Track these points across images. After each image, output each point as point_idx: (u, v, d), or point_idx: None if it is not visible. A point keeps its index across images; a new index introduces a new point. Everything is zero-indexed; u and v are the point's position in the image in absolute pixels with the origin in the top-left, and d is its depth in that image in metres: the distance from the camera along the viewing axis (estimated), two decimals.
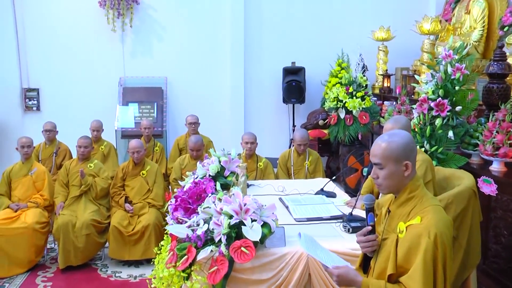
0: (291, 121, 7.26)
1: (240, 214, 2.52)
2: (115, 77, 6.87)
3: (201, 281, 2.42)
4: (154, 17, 6.95)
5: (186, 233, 2.58)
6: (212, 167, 3.47)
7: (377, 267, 2.03)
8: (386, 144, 1.94)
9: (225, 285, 2.45)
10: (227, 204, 2.57)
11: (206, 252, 2.46)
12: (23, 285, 4.20)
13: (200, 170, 3.53)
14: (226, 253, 2.42)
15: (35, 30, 6.84)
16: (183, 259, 2.48)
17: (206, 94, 7.15)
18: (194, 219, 2.71)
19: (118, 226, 4.38)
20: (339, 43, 6.98)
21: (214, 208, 2.59)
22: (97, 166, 4.73)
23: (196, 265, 2.47)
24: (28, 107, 6.98)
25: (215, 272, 2.41)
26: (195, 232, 2.56)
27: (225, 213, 2.52)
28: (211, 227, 2.53)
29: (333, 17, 7.34)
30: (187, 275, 2.46)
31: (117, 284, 4.20)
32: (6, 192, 4.63)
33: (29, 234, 4.35)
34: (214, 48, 7.12)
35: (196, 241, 2.51)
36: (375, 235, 2.05)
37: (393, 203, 2.03)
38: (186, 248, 2.51)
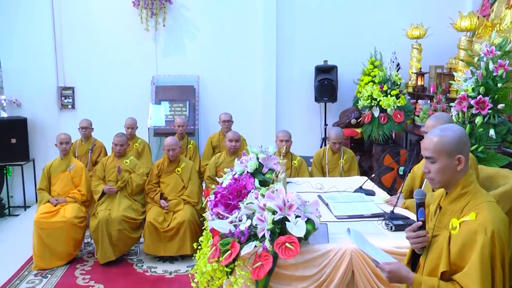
0: (322, 120, 7.20)
1: (283, 210, 2.51)
2: (148, 75, 6.94)
3: (245, 276, 2.41)
4: (187, 16, 7.00)
5: (229, 229, 2.58)
6: (251, 163, 3.46)
7: (427, 264, 1.99)
8: (439, 138, 1.90)
9: (269, 281, 2.43)
10: (270, 200, 2.55)
11: (250, 247, 2.45)
12: (64, 276, 4.31)
13: (238, 167, 3.53)
14: (270, 249, 2.41)
15: (71, 30, 6.98)
16: (226, 254, 2.48)
17: (238, 93, 7.15)
18: (236, 214, 2.71)
19: (154, 222, 4.42)
20: (372, 41, 6.89)
21: (257, 203, 2.58)
22: (132, 162, 4.80)
23: (239, 260, 2.46)
24: (63, 105, 7.13)
25: (259, 268, 2.40)
26: (238, 227, 2.56)
27: (269, 208, 2.51)
28: (254, 223, 2.53)
29: (366, 15, 7.25)
30: (230, 270, 2.46)
31: (153, 279, 4.24)
32: (46, 187, 4.74)
33: (68, 228, 4.45)
34: (246, 47, 7.13)
35: (239, 236, 2.51)
36: (425, 231, 2.01)
37: (445, 199, 1.99)
38: (229, 243, 2.51)
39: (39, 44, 6.87)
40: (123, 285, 4.12)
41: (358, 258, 2.54)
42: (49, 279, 4.26)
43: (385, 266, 1.96)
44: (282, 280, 2.52)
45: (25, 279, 4.29)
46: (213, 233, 2.82)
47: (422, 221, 2.02)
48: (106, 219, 4.40)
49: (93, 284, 4.15)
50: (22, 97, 6.95)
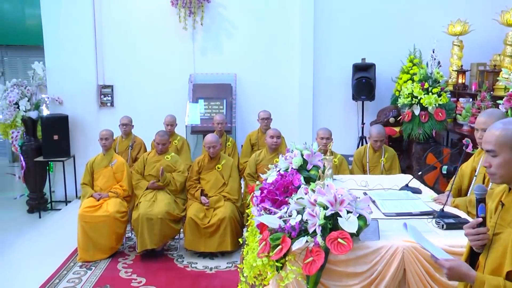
0: (360, 118, 7.12)
1: (335, 206, 2.48)
2: (186, 74, 7.02)
3: (296, 271, 2.40)
4: (224, 15, 7.04)
5: (279, 224, 2.57)
6: (296, 160, 3.45)
7: (489, 263, 1.92)
8: (501, 131, 1.84)
9: (320, 277, 2.41)
10: (321, 195, 2.53)
11: (301, 242, 2.43)
12: (107, 269, 4.40)
13: (283, 163, 3.52)
14: (322, 244, 2.38)
15: (111, 30, 7.12)
16: (277, 249, 2.46)
17: (275, 91, 7.15)
18: (285, 209, 2.70)
19: (195, 218, 4.46)
20: (411, 39, 6.79)
21: (307, 199, 2.56)
22: (173, 158, 4.85)
23: (290, 255, 2.45)
24: (103, 103, 7.29)
25: (310, 263, 2.38)
26: (288, 222, 2.54)
27: (320, 204, 2.49)
28: (304, 218, 2.51)
29: (405, 12, 7.12)
30: (281, 265, 2.45)
31: (194, 275, 4.28)
32: (89, 182, 4.85)
33: (110, 222, 4.54)
34: (284, 45, 7.11)
35: (290, 231, 2.49)
36: (486, 228, 1.94)
37: (508, 195, 1.92)
38: (279, 238, 2.50)
39: (81, 44, 7.04)
40: (164, 280, 4.17)
41: (410, 256, 2.49)
42: (93, 271, 4.36)
43: (445, 262, 1.91)
44: (333, 276, 2.49)
45: (71, 270, 4.40)
46: (260, 228, 2.81)
47: (483, 217, 1.96)
48: (148, 212, 4.45)
49: (135, 277, 4.22)
50: (64, 95, 7.13)
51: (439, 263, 1.93)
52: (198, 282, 4.12)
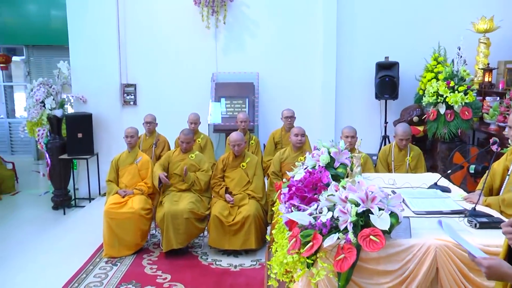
0: (383, 117, 7.05)
1: (366, 202, 2.45)
2: (208, 72, 7.04)
3: (327, 268, 2.38)
4: (247, 13, 7.04)
5: (309, 220, 2.55)
6: (323, 157, 3.42)
7: None
8: None
9: (352, 274, 2.39)
10: (352, 192, 2.51)
11: (332, 239, 2.41)
12: (132, 265, 4.44)
13: (310, 161, 3.50)
14: (354, 241, 2.36)
15: (134, 30, 7.19)
16: (307, 245, 2.45)
17: (297, 90, 7.12)
18: (315, 206, 2.68)
19: (219, 216, 4.46)
20: (435, 36, 6.69)
21: (338, 196, 2.54)
22: (198, 157, 4.87)
23: (321, 252, 2.43)
24: (126, 101, 7.36)
25: (342, 260, 2.36)
26: (319, 219, 2.52)
27: (351, 201, 2.47)
28: (335, 215, 2.49)
29: (429, 9, 7.03)
30: (312, 261, 2.43)
31: (219, 272, 4.28)
32: (115, 179, 4.90)
33: (135, 219, 4.57)
34: (306, 43, 7.08)
35: (321, 228, 2.47)
36: None
37: None
38: (310, 235, 2.48)
39: (105, 43, 7.12)
40: (189, 276, 4.19)
41: (444, 255, 2.45)
42: (119, 267, 4.40)
43: (483, 260, 1.86)
44: (364, 274, 2.46)
45: (97, 265, 4.46)
46: (289, 225, 2.80)
47: None
48: (173, 210, 4.47)
49: (160, 274, 4.25)
50: (87, 93, 7.23)
51: (477, 261, 1.89)
52: (223, 280, 4.12)
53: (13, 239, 6.18)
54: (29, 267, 4.60)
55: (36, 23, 9.99)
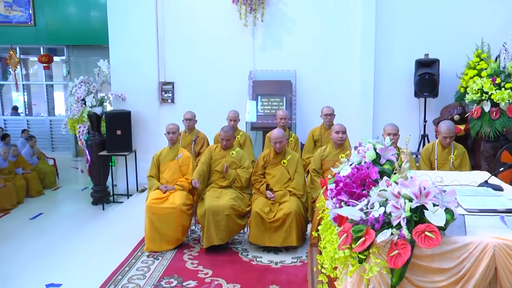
0: (422, 116, 6.91)
1: (420, 198, 2.40)
2: (246, 70, 7.07)
3: (380, 264, 2.34)
4: (284, 11, 7.03)
5: (360, 216, 2.52)
6: (369, 153, 3.36)
7: None
8: None
9: (405, 270, 2.34)
10: (405, 187, 2.46)
11: (385, 235, 2.36)
12: (173, 260, 4.49)
13: (355, 157, 3.45)
14: (408, 237, 2.31)
15: (172, 28, 7.28)
16: (360, 241, 2.41)
17: (335, 87, 7.07)
18: (365, 202, 2.64)
19: (260, 212, 4.46)
20: (478, 32, 6.52)
21: (391, 191, 2.49)
22: (239, 154, 4.88)
23: (374, 248, 2.39)
24: (163, 99, 7.46)
25: (396, 256, 2.31)
26: (370, 214, 2.48)
27: (404, 196, 2.42)
28: (388, 210, 2.44)
29: (471, 4, 6.86)
30: (364, 257, 2.40)
31: (260, 269, 4.28)
32: (156, 175, 4.96)
33: (177, 214, 4.62)
34: (344, 41, 7.03)
35: (373, 223, 2.43)
36: None
37: None
38: (362, 230, 2.44)
39: (143, 42, 7.24)
40: (230, 272, 4.20)
41: (503, 254, 2.37)
42: (161, 261, 4.46)
43: None
44: (417, 271, 2.41)
45: (139, 259, 4.53)
46: (338, 221, 2.77)
47: None
48: (214, 206, 4.49)
49: (201, 269, 4.27)
50: (126, 91, 7.36)
51: None
52: (264, 276, 4.11)
53: (57, 232, 6.37)
54: (73, 259, 4.72)
55: (76, 24, 10.28)
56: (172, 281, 4.04)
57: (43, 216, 7.24)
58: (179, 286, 3.95)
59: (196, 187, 4.66)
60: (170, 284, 3.98)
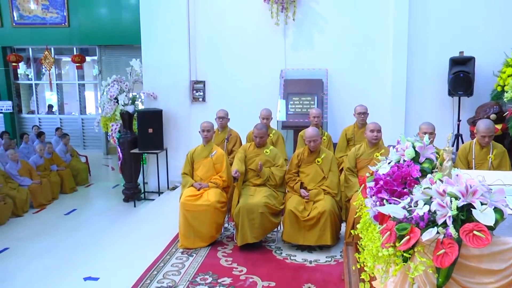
0: (455, 115, 6.78)
1: (466, 196, 2.35)
2: (277, 69, 7.05)
3: (426, 263, 2.30)
4: (316, 9, 7.00)
5: (404, 214, 2.48)
6: (408, 152, 3.33)
7: None
8: None
9: (452, 270, 2.30)
10: (450, 185, 2.41)
11: (431, 233, 2.32)
12: (207, 257, 4.53)
13: (394, 155, 3.41)
14: (455, 236, 2.27)
15: (204, 27, 7.33)
16: (404, 239, 2.38)
17: (366, 86, 7.00)
18: (408, 200, 2.61)
19: (294, 211, 4.45)
20: None
21: (435, 189, 2.45)
22: (272, 152, 4.88)
23: (419, 247, 2.35)
24: (195, 98, 7.52)
25: (442, 256, 2.27)
26: (414, 212, 2.45)
27: (450, 194, 2.37)
28: (432, 208, 2.40)
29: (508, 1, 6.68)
30: (409, 255, 2.36)
31: (294, 267, 4.27)
32: (190, 172, 5.00)
33: (211, 212, 4.65)
34: (376, 39, 6.95)
35: (417, 221, 2.40)
36: None
37: None
38: (406, 229, 2.41)
39: (175, 41, 7.32)
40: (265, 270, 4.20)
41: None
42: (195, 258, 4.50)
43: None
44: (465, 272, 2.36)
45: (173, 255, 4.58)
46: (380, 219, 2.74)
47: None
48: (248, 204, 4.50)
49: (236, 266, 4.29)
50: (158, 90, 7.44)
51: None
52: (299, 275, 4.10)
53: (91, 228, 6.51)
54: (109, 254, 4.80)
55: (108, 24, 10.48)
56: (207, 278, 4.07)
57: (77, 212, 7.41)
58: (214, 283, 3.98)
59: (236, 176, 4.68)
60: (205, 281, 4.01)
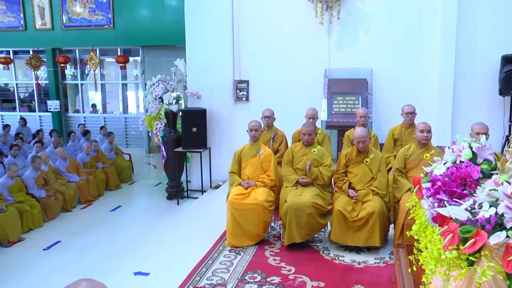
0: (506, 115, 6.57)
1: None
2: (321, 68, 7.02)
3: (495, 269, 2.24)
4: (361, 8, 6.92)
5: (467, 216, 2.43)
6: (465, 152, 3.24)
7: None
8: None
9: None
10: None
11: (500, 237, 2.26)
12: (255, 255, 4.55)
13: (450, 156, 3.34)
14: None
15: (248, 27, 7.38)
16: (469, 242, 2.33)
17: (412, 85, 6.87)
18: (470, 201, 2.55)
19: (343, 211, 4.42)
20: None
21: (502, 191, 2.38)
22: (320, 151, 4.86)
23: (486, 250, 2.29)
24: (238, 97, 7.58)
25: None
26: (479, 214, 2.39)
27: None
28: (500, 211, 2.34)
29: None
30: (475, 259, 2.31)
31: (342, 268, 4.24)
32: (237, 171, 5.05)
33: (259, 211, 4.67)
34: (422, 37, 6.81)
35: (483, 224, 2.34)
36: None
37: None
38: (471, 231, 2.36)
39: (219, 41, 7.39)
40: (313, 270, 4.18)
41: None
42: (243, 256, 4.53)
43: None
44: None
45: (221, 253, 4.62)
46: (439, 221, 2.68)
47: None
48: (296, 203, 4.50)
49: (284, 265, 4.30)
50: (202, 90, 7.54)
51: None
52: (348, 276, 4.07)
53: (136, 224, 6.69)
54: (156, 251, 4.90)
55: (152, 25, 10.68)
56: (256, 276, 4.09)
57: (122, 208, 7.61)
58: (263, 281, 4.00)
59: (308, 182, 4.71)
60: (254, 279, 4.04)
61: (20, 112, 12.87)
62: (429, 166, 3.56)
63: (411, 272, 3.18)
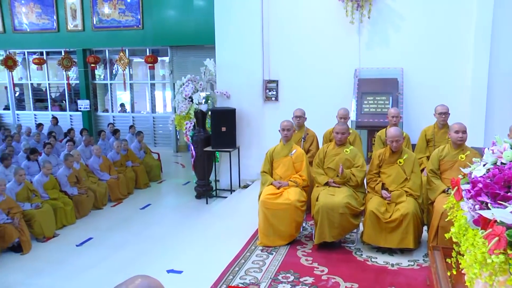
0: None
1: None
2: (351, 68, 6.98)
3: None
4: (392, 7, 6.84)
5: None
6: (506, 153, 3.18)
7: None
8: None
9: None
10: None
11: None
12: (287, 255, 4.56)
13: (489, 157, 3.28)
14: None
15: (277, 26, 7.39)
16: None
17: (444, 86, 6.77)
18: None
19: (376, 212, 4.38)
20: None
21: None
22: (353, 152, 4.83)
23: None
24: (267, 97, 7.60)
25: None
26: None
27: None
28: None
29: None
30: None
31: (376, 269, 4.21)
32: (269, 170, 5.06)
33: (291, 210, 4.67)
34: (455, 36, 6.70)
35: None
36: None
37: None
38: None
39: (248, 41, 7.42)
40: (346, 271, 4.17)
41: None
42: (275, 256, 4.54)
43: None
44: None
45: (253, 252, 4.64)
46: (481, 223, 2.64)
47: None
48: (329, 203, 4.48)
49: (317, 266, 4.29)
50: (231, 89, 7.58)
51: None
52: (382, 277, 4.04)
53: (166, 222, 6.78)
54: (188, 249, 4.96)
55: (180, 26, 10.81)
56: (289, 276, 4.10)
57: (151, 206, 7.71)
58: (296, 281, 4.00)
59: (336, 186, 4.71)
60: (287, 279, 4.04)
61: (51, 111, 13.18)
62: (464, 167, 3.52)
63: (450, 275, 3.13)
